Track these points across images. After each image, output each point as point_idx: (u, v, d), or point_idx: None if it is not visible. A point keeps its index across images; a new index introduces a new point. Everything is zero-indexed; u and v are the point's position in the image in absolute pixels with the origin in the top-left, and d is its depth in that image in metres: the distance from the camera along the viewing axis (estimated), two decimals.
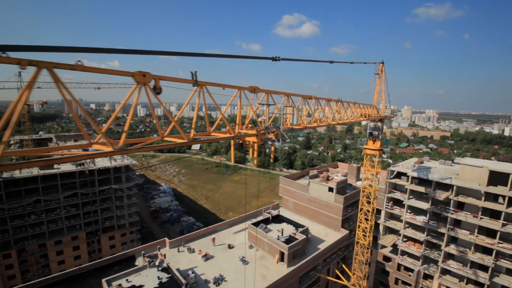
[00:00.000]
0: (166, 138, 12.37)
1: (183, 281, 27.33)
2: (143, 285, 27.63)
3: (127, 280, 28.27)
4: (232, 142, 14.06)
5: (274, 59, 12.01)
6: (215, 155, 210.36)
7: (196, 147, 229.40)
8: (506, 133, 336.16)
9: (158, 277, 28.68)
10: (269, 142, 13.65)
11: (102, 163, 71.00)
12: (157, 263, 30.34)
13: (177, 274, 28.60)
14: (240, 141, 12.91)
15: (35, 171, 62.31)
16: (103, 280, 27.62)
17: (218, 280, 32.25)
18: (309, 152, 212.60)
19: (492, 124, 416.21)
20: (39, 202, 62.84)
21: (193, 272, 31.93)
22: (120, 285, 26.88)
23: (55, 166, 65.71)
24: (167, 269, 29.90)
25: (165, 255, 33.79)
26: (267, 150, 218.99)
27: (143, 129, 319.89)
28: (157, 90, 9.97)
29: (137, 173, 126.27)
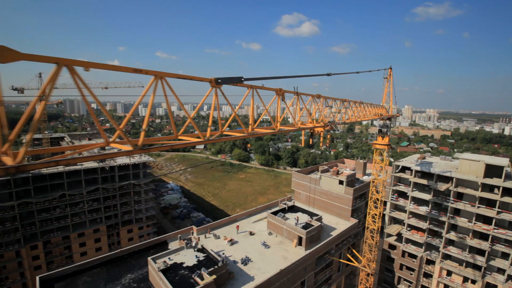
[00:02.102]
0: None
1: (219, 258, 31.43)
2: (184, 262, 31.72)
3: (169, 258, 32.34)
4: (303, 132, 18.19)
5: (328, 74, 16.15)
6: (219, 154, 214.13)
7: (200, 146, 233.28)
8: (506, 132, 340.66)
9: (196, 256, 32.75)
10: (331, 131, 17.97)
11: (121, 159, 75.03)
12: (193, 244, 34.44)
13: (213, 253, 32.70)
14: (311, 131, 17.21)
15: (60, 167, 66.25)
16: (149, 258, 31.65)
17: (245, 261, 36.36)
18: (312, 151, 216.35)
19: (493, 124, 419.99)
20: (64, 196, 66.78)
21: (223, 253, 36.04)
22: (165, 261, 30.95)
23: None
24: (202, 250, 33.98)
25: (199, 238, 37.93)
26: (271, 149, 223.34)
27: (147, 129, 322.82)
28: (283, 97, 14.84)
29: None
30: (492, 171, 44.05)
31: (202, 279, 28.25)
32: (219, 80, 10.32)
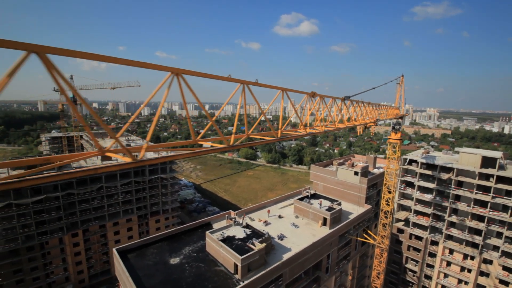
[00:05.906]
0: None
1: (264, 232, 38.42)
2: (235, 235, 38.67)
3: (222, 232, 39.30)
4: (359, 127, 25.26)
5: (373, 88, 23.01)
6: (226, 152, 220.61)
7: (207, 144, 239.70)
8: (506, 131, 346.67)
9: (244, 231, 39.70)
10: (376, 126, 25.25)
11: (149, 154, 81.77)
12: (241, 221, 41.44)
13: (258, 228, 39.70)
14: (366, 125, 24.26)
15: (98, 161, 73.06)
16: (207, 232, 38.54)
17: (281, 237, 43.31)
18: (316, 149, 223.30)
19: (493, 122, 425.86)
20: (102, 188, 73.60)
21: (263, 230, 43.00)
22: (222, 233, 37.94)
23: (113, 157, 76.67)
24: (247, 226, 40.93)
25: (243, 217, 44.92)
26: (277, 147, 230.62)
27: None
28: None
29: None
30: (487, 162, 51.22)
31: (254, 246, 35.19)
32: (345, 98, 16.99)
